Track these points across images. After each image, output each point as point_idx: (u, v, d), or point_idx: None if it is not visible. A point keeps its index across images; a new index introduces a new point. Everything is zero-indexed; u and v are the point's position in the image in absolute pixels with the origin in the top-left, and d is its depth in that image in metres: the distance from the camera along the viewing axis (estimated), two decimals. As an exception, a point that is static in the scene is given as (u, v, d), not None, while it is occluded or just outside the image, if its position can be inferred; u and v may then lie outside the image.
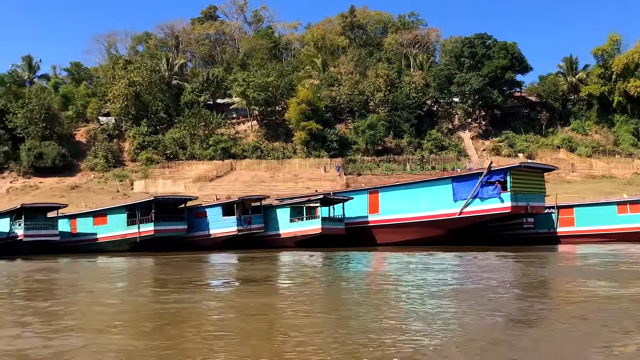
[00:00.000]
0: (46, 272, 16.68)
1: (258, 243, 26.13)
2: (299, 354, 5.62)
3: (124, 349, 6.11)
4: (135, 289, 12.53)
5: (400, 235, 23.45)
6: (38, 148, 53.15)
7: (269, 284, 12.57)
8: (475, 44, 64.80)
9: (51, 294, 11.97)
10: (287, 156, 59.37)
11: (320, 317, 7.98)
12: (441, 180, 23.91)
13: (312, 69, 73.54)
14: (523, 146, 61.04)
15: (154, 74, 64.70)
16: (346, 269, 15.54)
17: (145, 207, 26.41)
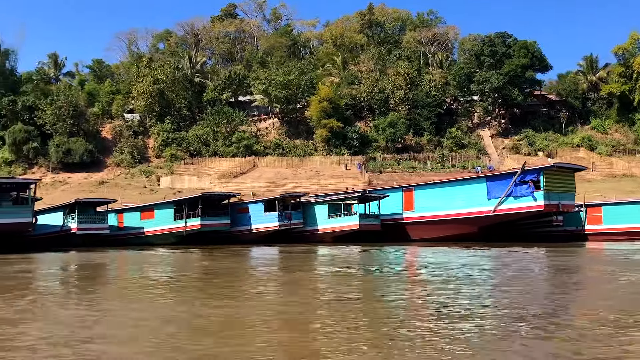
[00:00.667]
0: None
1: (297, 238, 27.10)
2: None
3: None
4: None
5: (435, 231, 24.25)
6: (66, 144, 54.44)
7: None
8: (495, 42, 65.13)
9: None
10: (308, 153, 60.12)
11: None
12: (475, 179, 24.65)
13: (332, 67, 74.17)
14: (543, 145, 61.27)
15: (177, 72, 65.73)
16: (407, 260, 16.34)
17: (192, 203, 27.52)
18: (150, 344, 6.01)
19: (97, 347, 5.90)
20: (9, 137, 54.68)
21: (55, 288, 11.81)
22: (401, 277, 12.41)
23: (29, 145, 54.86)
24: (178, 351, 5.58)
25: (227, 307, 8.32)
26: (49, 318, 7.75)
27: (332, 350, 5.50)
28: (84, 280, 13.21)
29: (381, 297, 8.94)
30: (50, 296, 10.32)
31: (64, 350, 5.71)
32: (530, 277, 12.07)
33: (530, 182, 22.03)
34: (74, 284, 12.76)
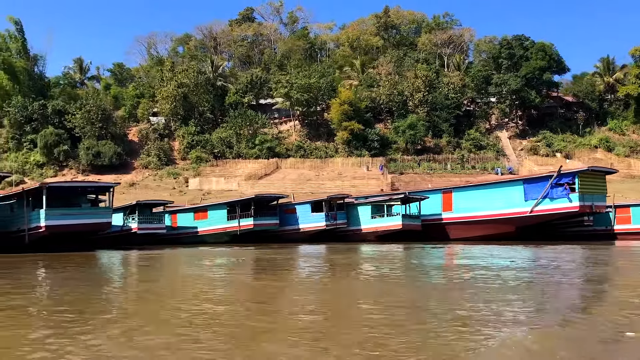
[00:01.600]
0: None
1: (341, 237, 28.56)
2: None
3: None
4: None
5: (473, 231, 25.56)
6: (96, 147, 56.06)
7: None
8: (513, 45, 66.10)
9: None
10: (329, 155, 61.36)
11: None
12: (513, 182, 25.93)
13: (351, 69, 75.34)
14: (560, 146, 62.09)
15: (200, 76, 67.20)
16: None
17: (245, 204, 29.17)
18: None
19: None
20: (40, 141, 56.39)
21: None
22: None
23: (60, 148, 56.58)
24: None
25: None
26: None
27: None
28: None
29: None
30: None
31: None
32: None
33: (565, 184, 23.23)
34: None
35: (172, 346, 5.51)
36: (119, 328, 6.44)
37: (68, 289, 10.55)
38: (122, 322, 6.98)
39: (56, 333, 6.20)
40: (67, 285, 11.32)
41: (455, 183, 49.92)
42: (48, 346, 5.58)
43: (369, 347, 5.26)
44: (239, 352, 5.28)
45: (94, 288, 11.02)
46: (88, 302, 9.01)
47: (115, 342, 5.70)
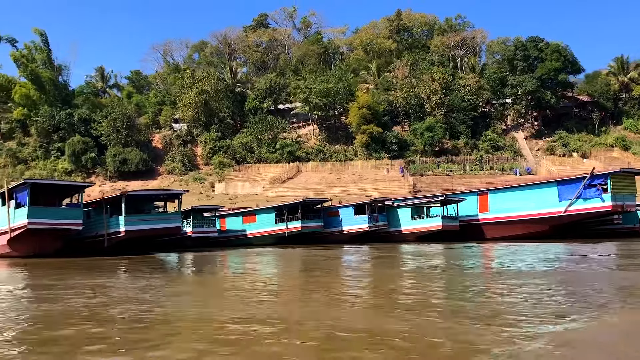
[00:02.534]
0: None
1: (381, 238, 29.86)
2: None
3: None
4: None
5: (508, 230, 26.80)
6: (122, 154, 57.55)
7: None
8: (527, 47, 66.95)
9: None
10: (348, 158, 62.49)
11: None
12: (547, 183, 27.06)
13: (367, 73, 76.44)
14: (577, 145, 62.84)
15: (221, 83, 68.61)
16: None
17: (293, 208, 30.67)
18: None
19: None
20: (68, 148, 57.98)
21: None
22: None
23: (87, 156, 58.14)
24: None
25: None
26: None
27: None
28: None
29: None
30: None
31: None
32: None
33: (598, 185, 24.35)
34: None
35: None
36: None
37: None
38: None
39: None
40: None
41: (475, 184, 51.05)
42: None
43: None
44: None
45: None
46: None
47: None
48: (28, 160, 61.59)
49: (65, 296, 9.63)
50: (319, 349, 5.33)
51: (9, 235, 21.55)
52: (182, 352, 5.26)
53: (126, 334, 6.21)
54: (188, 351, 5.27)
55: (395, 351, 5.10)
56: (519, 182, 37.71)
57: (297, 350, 5.24)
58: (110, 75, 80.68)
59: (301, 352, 5.18)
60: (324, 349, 5.30)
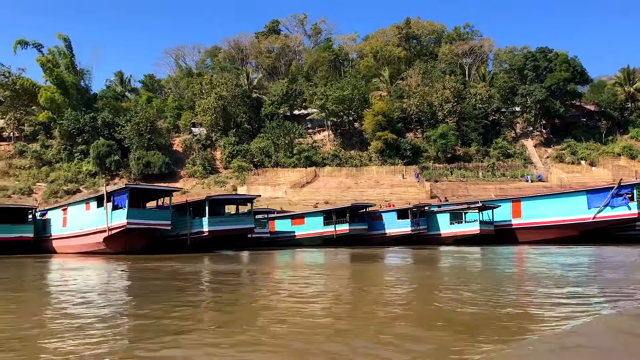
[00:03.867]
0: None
1: (421, 241, 31.94)
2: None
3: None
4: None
5: (540, 235, 28.85)
6: (146, 157, 59.28)
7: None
8: (537, 57, 68.95)
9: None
10: (363, 164, 64.30)
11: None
12: (576, 192, 29.15)
13: (379, 81, 78.29)
14: (585, 154, 64.74)
15: (238, 88, 70.46)
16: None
17: (341, 212, 32.68)
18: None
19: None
20: (93, 151, 59.70)
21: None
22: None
23: (112, 159, 59.87)
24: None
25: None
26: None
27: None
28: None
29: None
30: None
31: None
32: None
33: (625, 194, 26.31)
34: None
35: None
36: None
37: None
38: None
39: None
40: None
41: (489, 190, 52.98)
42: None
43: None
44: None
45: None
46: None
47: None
48: (52, 162, 63.22)
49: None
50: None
51: (107, 234, 23.74)
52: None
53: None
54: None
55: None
56: (531, 189, 40.07)
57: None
58: (129, 79, 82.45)
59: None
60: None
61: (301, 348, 5.54)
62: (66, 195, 56.32)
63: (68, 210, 28.37)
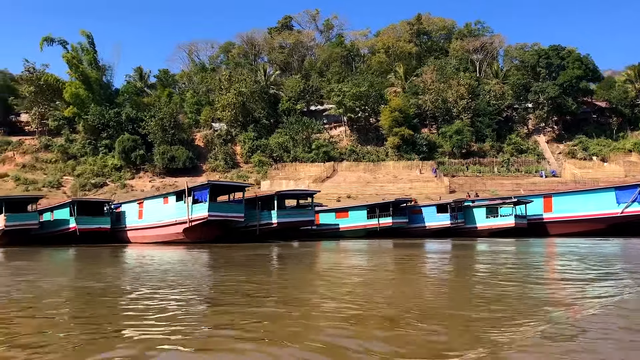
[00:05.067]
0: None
1: (458, 233, 33.81)
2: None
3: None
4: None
5: (570, 228, 30.67)
6: (170, 151, 60.94)
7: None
8: (550, 55, 70.40)
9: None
10: (380, 159, 65.89)
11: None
12: (605, 189, 30.96)
13: (394, 77, 79.73)
14: (596, 150, 66.26)
15: (256, 84, 72.01)
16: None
17: (384, 206, 34.53)
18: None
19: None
20: (118, 146, 61.37)
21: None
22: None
23: (137, 153, 61.55)
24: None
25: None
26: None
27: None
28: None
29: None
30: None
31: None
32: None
33: None
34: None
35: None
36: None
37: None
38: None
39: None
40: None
41: (505, 185, 54.58)
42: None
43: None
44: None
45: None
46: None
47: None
48: (77, 156, 64.89)
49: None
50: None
51: (187, 225, 26.36)
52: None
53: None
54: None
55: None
56: (546, 184, 41.46)
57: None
58: (147, 75, 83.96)
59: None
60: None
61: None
62: (94, 188, 58.12)
63: (144, 204, 31.37)
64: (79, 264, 16.94)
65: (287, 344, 5.09)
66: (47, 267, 15.98)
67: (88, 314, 7.08)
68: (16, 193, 56.31)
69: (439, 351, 4.90)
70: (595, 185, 51.72)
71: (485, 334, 5.49)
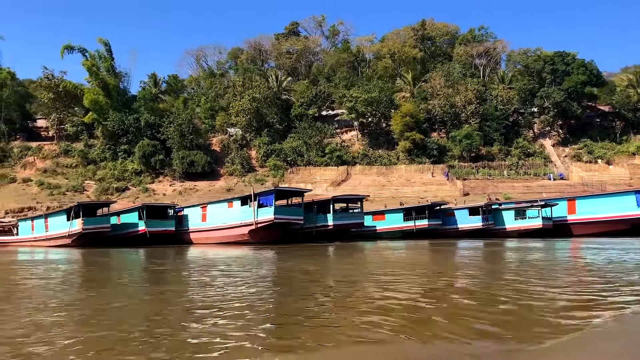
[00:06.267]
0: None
1: (488, 234, 35.69)
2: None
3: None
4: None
5: (592, 229, 32.66)
6: (189, 156, 62.62)
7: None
8: (555, 61, 72.54)
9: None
10: (392, 163, 67.79)
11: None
12: (626, 192, 33.08)
13: (403, 82, 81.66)
14: (601, 153, 68.33)
15: (269, 90, 73.82)
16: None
17: (420, 209, 36.37)
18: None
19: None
20: (139, 151, 63.02)
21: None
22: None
23: (156, 158, 63.24)
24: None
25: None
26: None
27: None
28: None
29: None
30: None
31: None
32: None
33: None
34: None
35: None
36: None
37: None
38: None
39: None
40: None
41: (517, 188, 56.56)
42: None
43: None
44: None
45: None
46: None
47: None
48: (97, 161, 66.48)
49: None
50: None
51: (253, 227, 28.82)
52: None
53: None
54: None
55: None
56: (555, 186, 43.23)
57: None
58: (161, 81, 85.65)
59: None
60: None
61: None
62: (116, 192, 59.73)
63: (208, 208, 34.16)
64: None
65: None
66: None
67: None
68: (41, 197, 58.04)
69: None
70: (603, 187, 53.94)
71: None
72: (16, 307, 8.73)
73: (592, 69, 71.27)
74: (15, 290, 11.33)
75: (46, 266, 17.79)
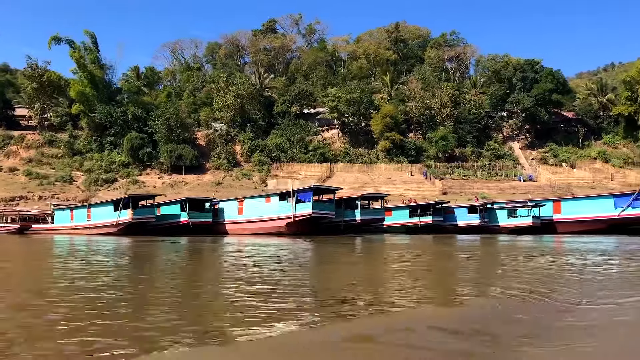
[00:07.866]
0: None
1: (483, 230, 39.02)
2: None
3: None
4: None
5: (575, 227, 36.39)
6: (177, 150, 64.02)
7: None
8: (525, 69, 77.07)
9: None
10: (372, 161, 70.82)
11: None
12: (605, 196, 36.87)
13: (382, 85, 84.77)
14: (565, 157, 73.12)
15: (253, 87, 75.69)
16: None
17: (425, 207, 39.38)
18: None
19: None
20: (127, 143, 64.03)
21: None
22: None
23: (144, 151, 64.35)
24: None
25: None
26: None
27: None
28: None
29: None
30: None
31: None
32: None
33: None
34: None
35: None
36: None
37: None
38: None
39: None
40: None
41: (491, 188, 60.44)
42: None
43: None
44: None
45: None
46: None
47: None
48: (83, 152, 67.04)
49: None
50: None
51: (292, 220, 31.95)
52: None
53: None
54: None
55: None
56: (525, 187, 47.11)
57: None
58: (143, 74, 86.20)
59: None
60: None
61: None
62: (105, 183, 60.72)
63: (245, 202, 37.61)
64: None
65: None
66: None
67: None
68: (31, 187, 58.54)
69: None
70: (569, 189, 58.37)
71: None
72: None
73: (559, 77, 76.18)
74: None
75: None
